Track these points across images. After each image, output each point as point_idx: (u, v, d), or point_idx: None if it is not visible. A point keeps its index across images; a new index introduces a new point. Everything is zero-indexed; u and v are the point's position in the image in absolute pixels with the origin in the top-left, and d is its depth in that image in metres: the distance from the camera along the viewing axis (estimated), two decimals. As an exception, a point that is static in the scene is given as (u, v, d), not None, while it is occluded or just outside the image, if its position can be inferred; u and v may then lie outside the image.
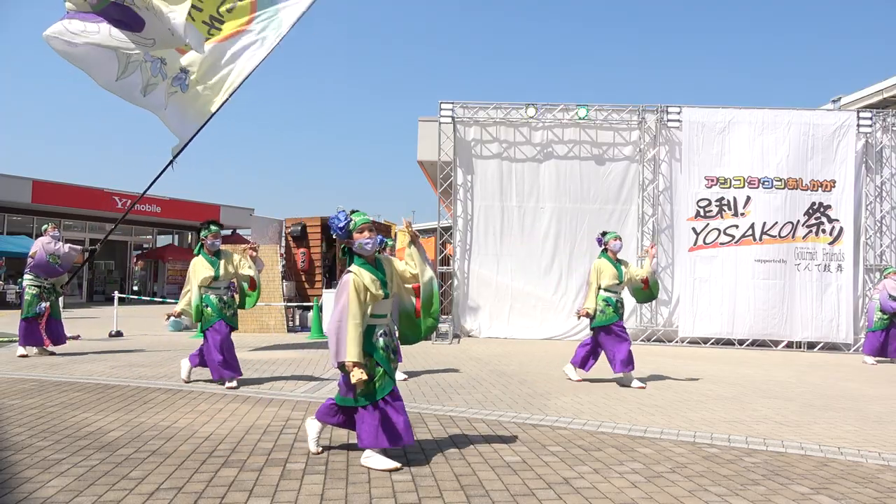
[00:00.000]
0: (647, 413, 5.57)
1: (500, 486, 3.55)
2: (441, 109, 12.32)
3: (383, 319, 3.96)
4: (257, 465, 3.81)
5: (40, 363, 7.89)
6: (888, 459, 4.28)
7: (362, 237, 3.86)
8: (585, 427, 4.98)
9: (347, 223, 3.87)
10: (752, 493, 3.51)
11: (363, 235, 3.86)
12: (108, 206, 22.87)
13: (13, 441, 4.21)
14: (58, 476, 3.53)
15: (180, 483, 3.47)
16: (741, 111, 11.88)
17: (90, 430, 4.53)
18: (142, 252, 27.78)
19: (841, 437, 4.86)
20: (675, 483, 3.66)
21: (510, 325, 12.25)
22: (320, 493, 3.37)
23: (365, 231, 3.86)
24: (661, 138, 12.15)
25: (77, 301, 23.03)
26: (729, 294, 11.55)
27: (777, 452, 4.38)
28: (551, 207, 12.34)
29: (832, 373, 8.65)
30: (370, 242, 3.87)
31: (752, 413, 5.68)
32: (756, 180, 11.66)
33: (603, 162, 12.39)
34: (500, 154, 12.48)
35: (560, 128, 12.43)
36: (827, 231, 11.60)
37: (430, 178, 15.37)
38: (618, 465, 3.99)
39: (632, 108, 12.31)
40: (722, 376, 7.88)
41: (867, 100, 15.04)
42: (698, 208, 11.78)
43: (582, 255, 12.20)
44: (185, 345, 10.29)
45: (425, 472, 3.75)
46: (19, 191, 20.55)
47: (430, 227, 30.91)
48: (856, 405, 6.22)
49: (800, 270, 11.56)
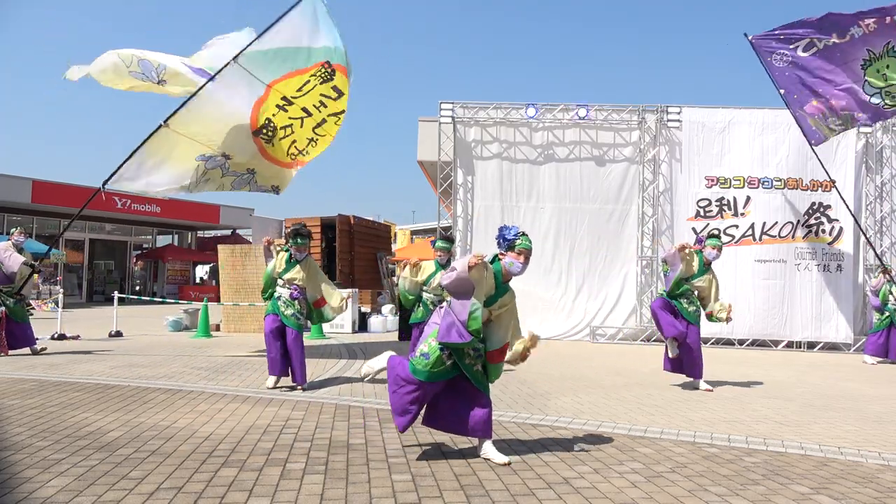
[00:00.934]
0: (647, 413, 5.57)
1: (499, 485, 3.55)
2: (441, 109, 12.31)
3: None
4: (257, 465, 3.81)
5: (39, 363, 7.89)
6: (888, 459, 4.28)
7: (518, 259, 4.00)
8: (585, 427, 4.98)
9: (515, 238, 4.05)
10: (752, 493, 3.51)
11: (519, 258, 4.00)
12: (108, 206, 22.83)
13: (13, 441, 4.21)
14: (57, 476, 3.53)
15: (180, 483, 3.46)
16: (741, 111, 11.88)
17: (90, 430, 4.52)
18: (141, 252, 27.77)
19: (841, 437, 4.86)
20: (675, 483, 3.66)
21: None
22: (320, 493, 3.36)
23: (523, 256, 4.00)
24: (661, 138, 12.15)
25: (77, 301, 23.03)
26: (729, 294, 11.50)
27: (777, 452, 4.38)
28: (551, 207, 12.34)
29: (832, 373, 8.65)
30: (520, 267, 4.01)
31: (751, 413, 5.68)
32: (756, 180, 11.65)
33: (603, 162, 12.39)
34: (500, 154, 12.48)
35: (560, 128, 12.42)
36: (826, 231, 11.59)
37: (430, 178, 15.36)
38: (618, 464, 3.99)
39: (632, 108, 12.31)
40: (722, 376, 7.87)
41: (867, 100, 15.02)
42: (698, 208, 11.77)
43: (582, 255, 12.20)
44: (185, 345, 10.30)
45: (425, 472, 3.75)
46: (19, 191, 20.54)
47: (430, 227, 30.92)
48: (856, 405, 6.22)
49: (800, 270, 11.55)
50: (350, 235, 16.04)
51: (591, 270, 12.20)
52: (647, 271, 12.11)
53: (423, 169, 15.19)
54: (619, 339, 12.07)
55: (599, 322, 12.14)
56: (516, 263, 4.00)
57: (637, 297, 12.09)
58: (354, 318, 13.02)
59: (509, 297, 4.07)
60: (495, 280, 3.99)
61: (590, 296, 12.20)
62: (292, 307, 6.49)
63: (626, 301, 12.18)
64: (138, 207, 23.79)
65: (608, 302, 12.19)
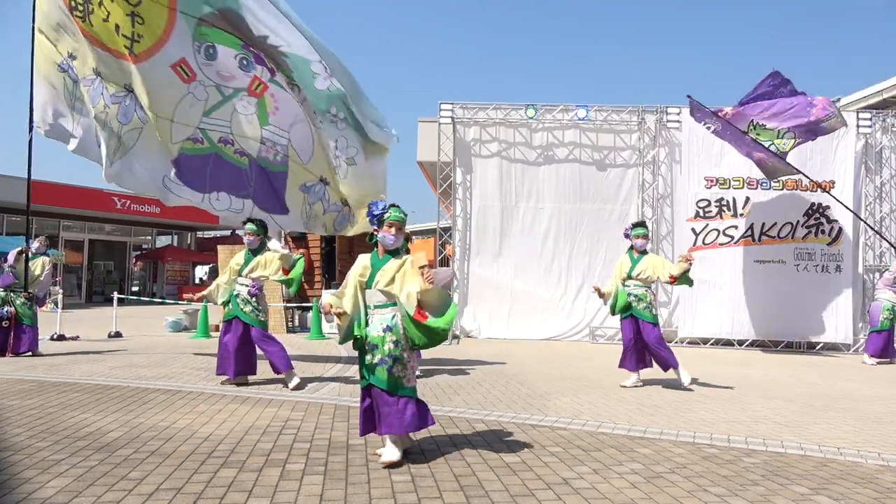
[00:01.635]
0: (647, 413, 5.57)
1: (499, 486, 3.55)
2: (441, 110, 12.31)
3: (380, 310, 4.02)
4: (256, 466, 3.81)
5: (39, 364, 7.89)
6: (888, 460, 4.28)
7: (389, 231, 4.07)
8: (585, 427, 4.98)
9: (383, 213, 4.09)
10: (752, 494, 3.51)
11: (390, 230, 4.07)
12: (107, 206, 22.85)
13: (12, 442, 4.21)
14: (57, 477, 3.53)
15: (179, 484, 3.46)
16: (741, 112, 11.87)
17: (89, 431, 4.52)
18: (141, 252, 27.76)
19: (840, 438, 4.86)
20: (675, 483, 3.66)
21: (510, 326, 12.23)
22: (319, 493, 3.36)
23: (393, 228, 4.07)
24: (661, 139, 12.15)
25: (76, 301, 23.02)
26: (728, 294, 11.55)
27: (776, 453, 4.38)
28: (551, 207, 12.34)
29: (831, 373, 8.65)
30: (392, 239, 4.08)
31: (751, 413, 5.68)
32: (755, 181, 11.64)
33: (602, 163, 12.39)
34: (499, 154, 12.48)
35: (560, 129, 12.42)
36: (826, 232, 11.59)
37: (430, 179, 15.36)
38: (617, 465, 3.99)
39: (631, 108, 12.31)
40: (721, 377, 7.87)
41: (867, 100, 15.03)
42: (698, 209, 11.77)
43: (582, 255, 12.20)
44: (184, 346, 10.29)
45: (425, 473, 3.75)
46: (19, 191, 20.52)
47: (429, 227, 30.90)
48: (855, 405, 6.22)
49: (799, 271, 11.55)
50: (349, 236, 16.00)
51: (590, 271, 12.20)
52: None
53: (423, 169, 15.19)
54: (619, 340, 12.03)
55: (599, 322, 12.14)
56: (388, 236, 4.08)
57: (637, 298, 12.07)
58: (354, 319, 13.00)
59: (392, 265, 4.04)
60: (372, 259, 4.13)
61: (589, 296, 12.14)
62: (251, 304, 6.52)
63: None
64: (138, 208, 23.79)
65: (608, 302, 12.18)
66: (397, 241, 4.11)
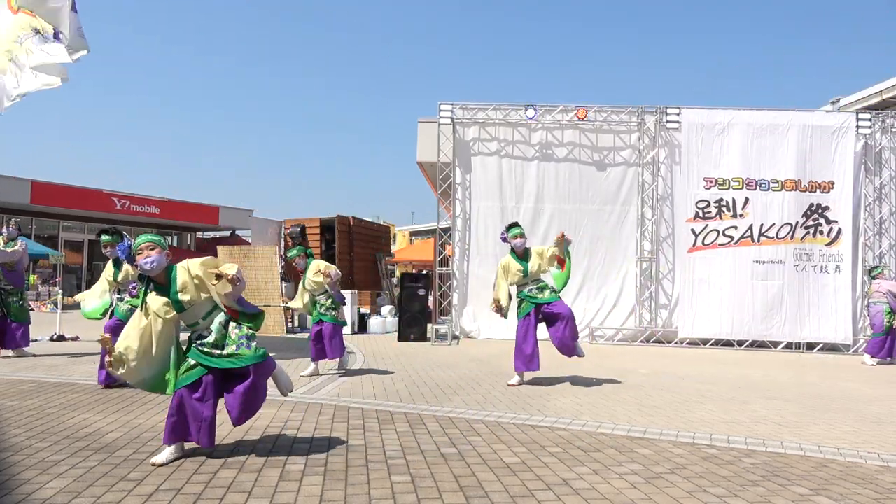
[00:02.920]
0: (647, 414, 5.57)
1: (499, 487, 3.55)
2: (440, 110, 12.32)
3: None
4: (256, 466, 3.81)
5: (39, 364, 7.88)
6: (887, 460, 4.28)
7: (140, 258, 3.94)
8: (585, 428, 4.98)
9: (129, 247, 4.03)
10: (752, 494, 3.51)
11: (141, 257, 3.94)
12: (107, 206, 22.86)
13: (12, 442, 4.21)
14: (56, 477, 3.52)
15: (179, 484, 3.46)
16: (740, 112, 11.88)
17: (89, 432, 4.52)
18: (141, 253, 27.72)
19: (840, 438, 4.86)
20: (675, 484, 3.66)
21: (509, 326, 12.21)
22: (319, 493, 3.36)
23: (143, 251, 3.95)
24: (661, 139, 12.16)
25: (76, 302, 22.99)
26: (728, 295, 11.56)
27: (776, 453, 4.38)
28: (550, 208, 12.34)
29: (831, 373, 8.65)
30: (147, 262, 3.93)
31: (751, 414, 5.68)
32: (754, 182, 11.66)
33: (602, 163, 12.39)
34: (499, 154, 12.49)
35: (559, 129, 12.43)
36: (825, 232, 11.60)
37: (430, 179, 15.36)
38: (617, 466, 3.99)
39: (631, 109, 12.32)
40: (721, 377, 7.88)
41: (866, 101, 15.07)
42: (697, 209, 11.78)
43: (581, 255, 12.18)
44: (184, 346, 10.27)
45: (424, 474, 3.75)
46: (18, 191, 20.54)
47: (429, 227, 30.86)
48: (855, 406, 6.22)
49: (798, 272, 11.56)
50: (349, 236, 16.04)
51: (590, 271, 12.21)
52: (647, 272, 12.12)
53: (423, 170, 15.19)
54: (619, 340, 12.07)
55: (599, 323, 12.15)
56: (143, 262, 3.99)
57: (636, 298, 12.09)
58: (354, 320, 13.01)
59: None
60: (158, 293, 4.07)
61: (589, 296, 12.21)
62: (130, 302, 6.69)
63: (625, 302, 12.18)
64: (138, 208, 23.81)
65: (607, 303, 12.20)
66: (152, 263, 3.95)
